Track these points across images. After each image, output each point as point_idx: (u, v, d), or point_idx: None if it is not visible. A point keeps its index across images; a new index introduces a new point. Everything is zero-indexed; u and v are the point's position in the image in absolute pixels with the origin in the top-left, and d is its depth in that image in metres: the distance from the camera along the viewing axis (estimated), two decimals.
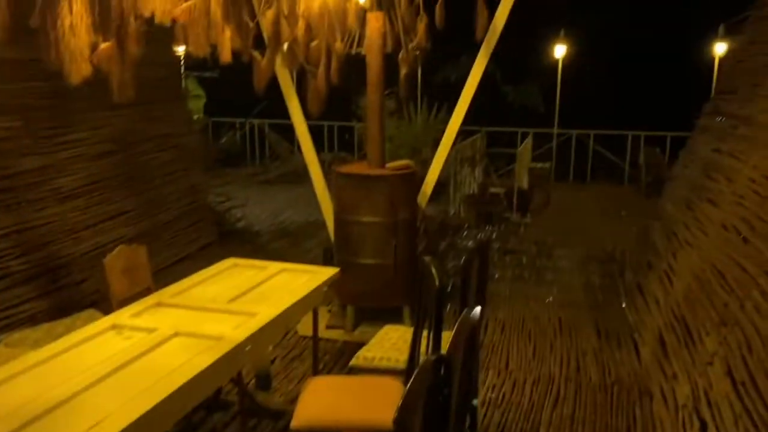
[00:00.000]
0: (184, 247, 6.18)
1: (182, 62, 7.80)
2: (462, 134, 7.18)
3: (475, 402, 3.27)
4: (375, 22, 4.26)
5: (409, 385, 1.55)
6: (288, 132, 9.49)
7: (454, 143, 5.37)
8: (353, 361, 3.12)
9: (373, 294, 4.46)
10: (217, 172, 9.67)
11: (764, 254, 2.97)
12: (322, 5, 3.11)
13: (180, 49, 6.39)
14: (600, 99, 13.29)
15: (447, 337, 2.12)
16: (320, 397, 2.66)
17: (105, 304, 3.29)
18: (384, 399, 2.57)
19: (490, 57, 4.72)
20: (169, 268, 5.69)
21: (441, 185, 6.87)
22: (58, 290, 4.56)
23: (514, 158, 8.95)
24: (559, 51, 11.45)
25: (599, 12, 13.31)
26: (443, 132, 5.03)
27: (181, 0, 2.32)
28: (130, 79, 2.23)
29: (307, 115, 4.55)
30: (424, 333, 2.64)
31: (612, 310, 5.11)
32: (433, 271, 2.54)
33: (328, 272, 3.40)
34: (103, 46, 2.12)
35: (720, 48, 10.20)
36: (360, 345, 3.35)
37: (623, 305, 5.13)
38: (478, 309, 2.04)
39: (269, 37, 2.94)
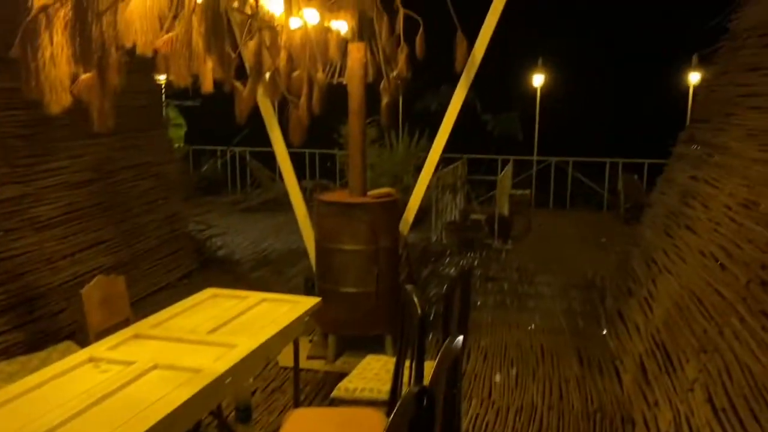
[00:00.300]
0: (163, 277, 6.11)
1: (163, 91, 7.79)
2: (443, 161, 7.23)
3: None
4: (356, 52, 4.31)
5: (391, 417, 1.53)
6: (269, 160, 9.51)
7: (436, 170, 5.41)
8: (335, 393, 3.09)
9: (355, 322, 4.43)
10: (198, 200, 9.60)
11: (741, 281, 3.00)
12: (303, 36, 3.15)
13: (161, 78, 6.40)
14: (578, 127, 13.52)
15: (429, 366, 2.11)
16: (301, 429, 2.63)
17: (82, 336, 3.23)
18: (366, 431, 2.54)
19: (470, 86, 4.79)
20: (148, 298, 5.62)
21: (423, 212, 6.89)
22: (35, 321, 4.47)
23: (494, 185, 9.03)
24: (538, 80, 11.65)
25: (577, 42, 13.60)
26: (424, 159, 5.07)
27: (162, 31, 2.33)
28: (110, 109, 2.22)
29: (288, 144, 4.56)
30: (407, 363, 2.62)
31: (593, 337, 5.12)
32: (415, 300, 2.53)
33: (309, 302, 3.38)
34: (84, 76, 2.12)
35: (694, 77, 10.43)
36: (342, 375, 3.33)
37: (604, 332, 5.15)
38: (460, 338, 2.04)
39: (251, 67, 2.96)
